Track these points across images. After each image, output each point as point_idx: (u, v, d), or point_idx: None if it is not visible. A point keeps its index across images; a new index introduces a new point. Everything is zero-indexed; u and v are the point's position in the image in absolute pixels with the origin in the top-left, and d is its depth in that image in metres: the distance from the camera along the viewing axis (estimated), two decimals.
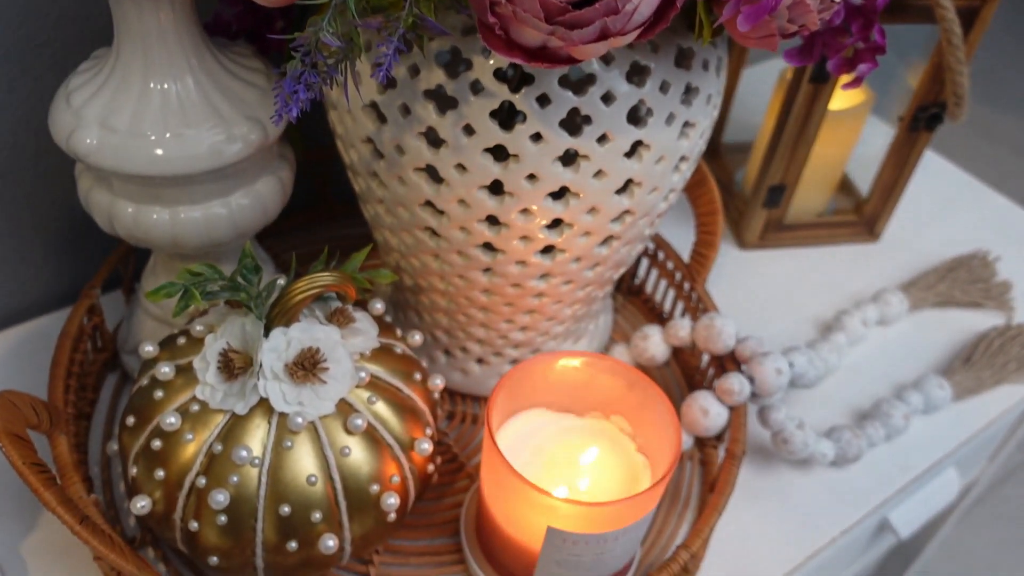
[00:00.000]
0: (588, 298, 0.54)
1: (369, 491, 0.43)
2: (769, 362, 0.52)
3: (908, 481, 0.58)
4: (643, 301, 0.66)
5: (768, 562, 0.53)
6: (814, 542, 0.54)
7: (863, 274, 0.72)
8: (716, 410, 0.52)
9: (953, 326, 0.69)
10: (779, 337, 0.66)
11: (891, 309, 0.67)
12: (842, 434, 0.57)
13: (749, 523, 0.55)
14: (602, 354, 0.48)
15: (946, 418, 0.62)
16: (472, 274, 0.49)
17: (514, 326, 0.54)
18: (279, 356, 0.42)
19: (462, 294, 0.51)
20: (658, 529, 0.53)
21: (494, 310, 0.52)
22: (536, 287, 0.50)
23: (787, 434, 0.55)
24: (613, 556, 0.45)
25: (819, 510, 0.56)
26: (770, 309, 0.69)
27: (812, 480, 0.57)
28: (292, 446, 0.42)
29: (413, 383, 0.47)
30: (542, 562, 0.45)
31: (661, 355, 0.57)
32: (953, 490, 0.74)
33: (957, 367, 0.64)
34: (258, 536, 0.42)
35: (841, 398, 0.63)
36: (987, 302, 0.70)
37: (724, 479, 0.49)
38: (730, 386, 0.51)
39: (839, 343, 0.64)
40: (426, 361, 0.58)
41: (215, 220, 0.47)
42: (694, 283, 0.60)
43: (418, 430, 0.46)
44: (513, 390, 0.47)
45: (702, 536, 0.46)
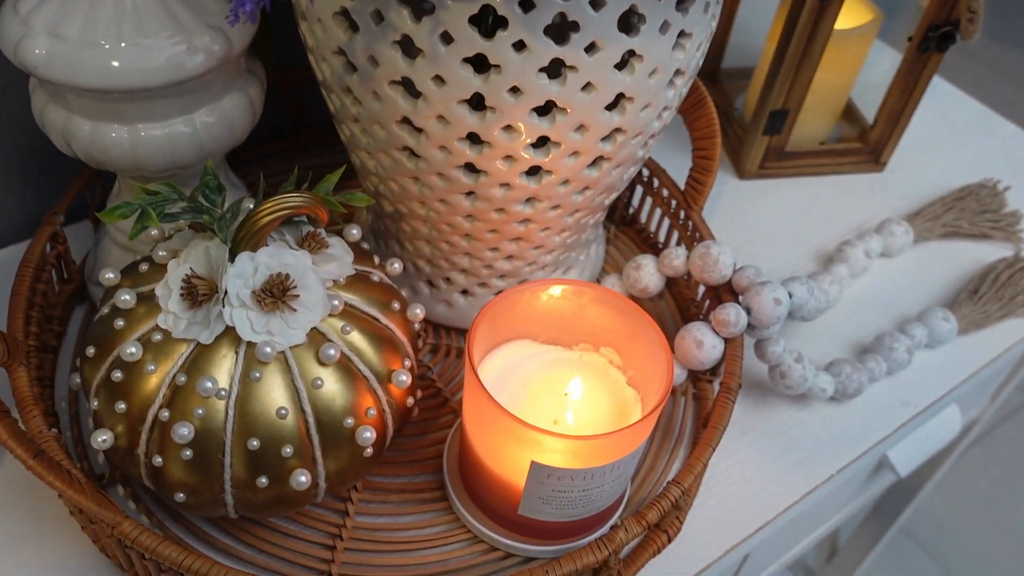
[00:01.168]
0: (578, 225, 0.51)
1: (343, 425, 0.41)
2: (767, 292, 0.49)
3: (909, 418, 0.56)
4: (637, 231, 0.64)
5: (763, 500, 0.51)
6: (811, 480, 0.52)
7: (867, 204, 0.70)
8: (711, 342, 0.50)
9: (960, 258, 0.66)
10: (779, 270, 0.64)
11: (895, 240, 0.64)
12: (842, 368, 0.55)
13: (744, 460, 0.53)
14: (591, 283, 0.46)
15: (950, 353, 0.60)
16: (454, 198, 0.47)
17: (499, 255, 0.51)
18: (246, 282, 0.40)
19: (444, 220, 0.49)
20: (649, 466, 0.51)
21: (478, 237, 0.49)
22: (522, 212, 0.47)
23: (785, 368, 0.52)
24: (601, 493, 0.43)
25: (817, 447, 0.54)
26: (769, 241, 0.66)
27: (810, 416, 0.55)
28: (261, 377, 0.39)
29: (391, 313, 0.44)
30: (526, 499, 0.43)
31: (655, 286, 0.54)
32: (955, 428, 0.72)
33: (963, 300, 0.61)
34: (226, 472, 0.40)
35: (842, 331, 0.60)
36: (995, 233, 0.67)
37: (718, 414, 0.46)
38: (726, 317, 0.49)
39: (841, 275, 0.61)
40: (408, 293, 0.55)
41: (178, 139, 0.44)
42: (690, 211, 0.57)
43: (396, 361, 0.43)
44: (496, 321, 0.45)
45: (694, 472, 0.44)
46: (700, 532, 0.49)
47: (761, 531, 0.50)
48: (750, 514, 0.50)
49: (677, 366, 0.51)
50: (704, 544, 0.49)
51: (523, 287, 0.45)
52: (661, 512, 0.42)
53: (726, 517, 0.50)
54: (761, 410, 0.55)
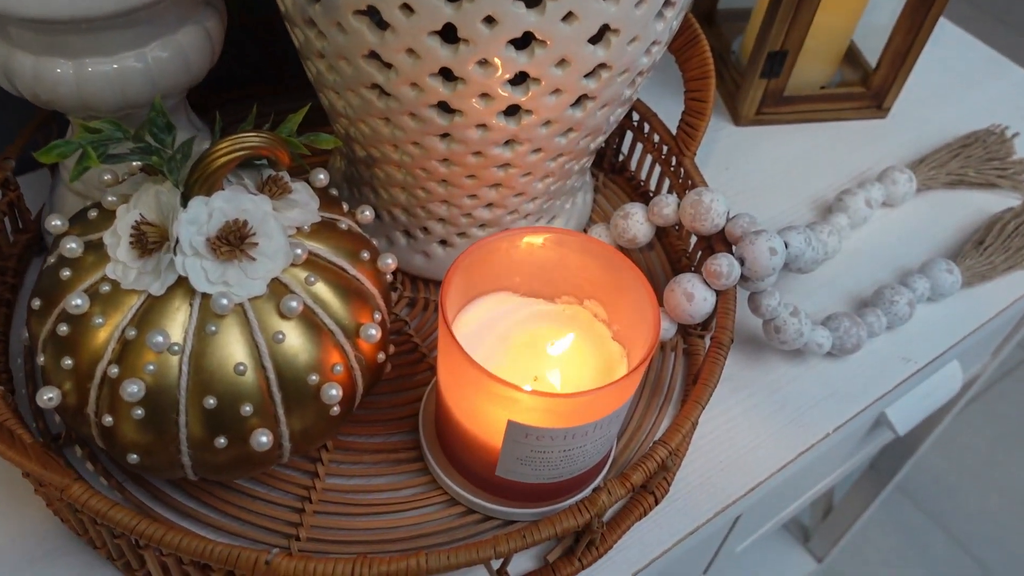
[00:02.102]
0: (562, 171, 0.48)
1: (307, 381, 0.38)
2: (762, 241, 0.46)
3: (910, 374, 0.53)
4: (627, 179, 0.61)
5: (755, 459, 0.49)
6: (805, 439, 0.50)
7: (869, 152, 0.66)
8: (702, 294, 0.47)
9: (965, 208, 0.63)
10: (776, 220, 0.61)
11: (898, 189, 0.61)
12: (840, 322, 0.52)
13: (736, 418, 0.50)
14: (575, 231, 0.43)
15: (954, 306, 0.57)
16: (428, 141, 0.44)
17: (479, 202, 0.48)
18: (199, 229, 0.37)
19: (418, 165, 0.46)
20: (636, 424, 0.49)
21: (455, 183, 0.46)
22: (501, 156, 0.44)
23: (780, 322, 0.50)
24: (583, 454, 0.41)
25: (812, 405, 0.51)
26: (766, 190, 0.63)
27: (806, 372, 0.53)
28: (217, 331, 0.37)
29: (360, 263, 0.42)
30: (503, 460, 0.41)
31: (644, 235, 0.51)
32: (955, 385, 0.70)
33: (968, 251, 0.58)
34: (182, 432, 0.37)
35: (841, 284, 0.58)
36: (1002, 182, 0.64)
37: (709, 370, 0.44)
38: (718, 267, 0.46)
39: (840, 225, 0.58)
40: (384, 243, 0.53)
41: (129, 75, 0.41)
42: (681, 157, 0.54)
43: (365, 314, 0.41)
44: (472, 271, 0.42)
45: (682, 431, 0.41)
46: (689, 493, 0.47)
47: (753, 492, 0.48)
48: (741, 475, 0.48)
49: (666, 320, 0.48)
50: (693, 506, 0.47)
51: (501, 235, 0.42)
52: (646, 474, 0.40)
53: (716, 478, 0.48)
54: (754, 366, 0.53)
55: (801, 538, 1.22)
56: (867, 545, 1.36)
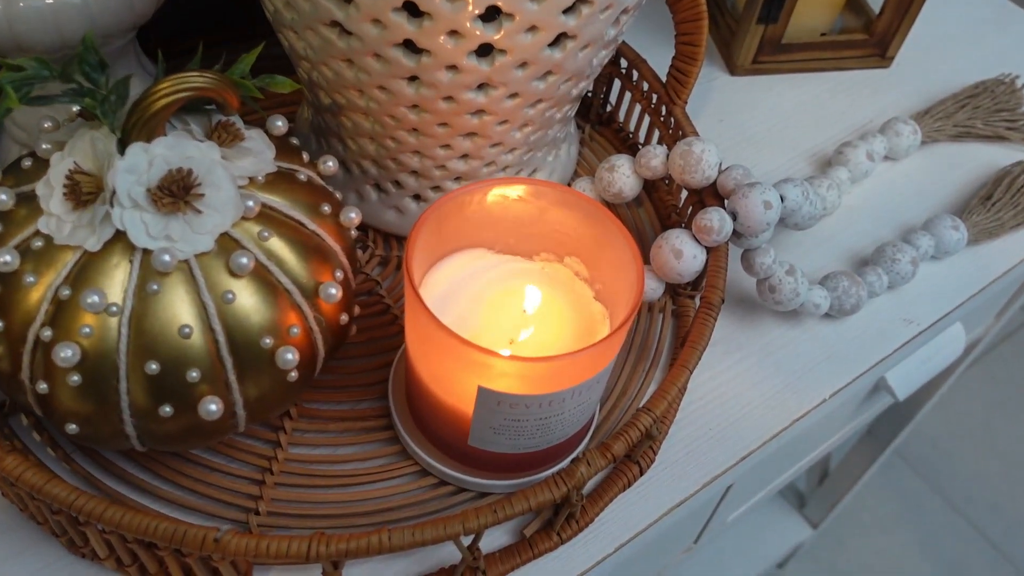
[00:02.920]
0: (542, 119, 0.45)
1: (260, 345, 0.35)
2: (756, 194, 0.43)
3: (911, 337, 0.51)
4: (615, 131, 0.57)
5: (747, 426, 0.46)
6: (800, 405, 0.47)
7: (871, 103, 0.63)
8: (691, 252, 0.44)
9: (972, 161, 0.60)
10: (772, 174, 0.58)
11: (901, 141, 0.57)
12: (839, 282, 0.49)
13: (728, 383, 0.47)
14: (553, 182, 0.40)
15: (959, 265, 0.54)
16: (395, 84, 0.40)
17: (453, 153, 0.45)
18: (139, 179, 0.34)
19: (386, 111, 0.42)
20: (621, 390, 0.46)
21: (427, 132, 0.43)
22: (474, 101, 0.41)
23: (775, 281, 0.47)
24: (560, 422, 0.38)
25: (808, 368, 0.49)
26: (763, 143, 0.60)
27: (802, 334, 0.50)
28: (160, 290, 0.34)
29: (320, 217, 0.38)
30: (476, 428, 0.38)
31: (630, 189, 0.48)
32: (958, 348, 0.67)
33: (974, 207, 0.55)
34: (123, 399, 0.34)
35: (840, 241, 0.55)
36: (1011, 134, 0.60)
37: (697, 332, 0.41)
38: (708, 222, 0.43)
39: (840, 179, 0.55)
40: (355, 198, 0.49)
41: (64, 10, 0.38)
42: (672, 106, 0.51)
43: (325, 273, 0.37)
44: (442, 226, 0.39)
45: (668, 398, 0.38)
46: (677, 462, 0.44)
47: (744, 461, 0.45)
48: (732, 442, 0.45)
49: (653, 279, 0.45)
50: (680, 476, 0.44)
51: (473, 187, 0.39)
52: (629, 443, 0.37)
53: (705, 446, 0.45)
54: (748, 328, 0.50)
55: (796, 504, 1.20)
56: (863, 510, 1.34)
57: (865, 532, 1.33)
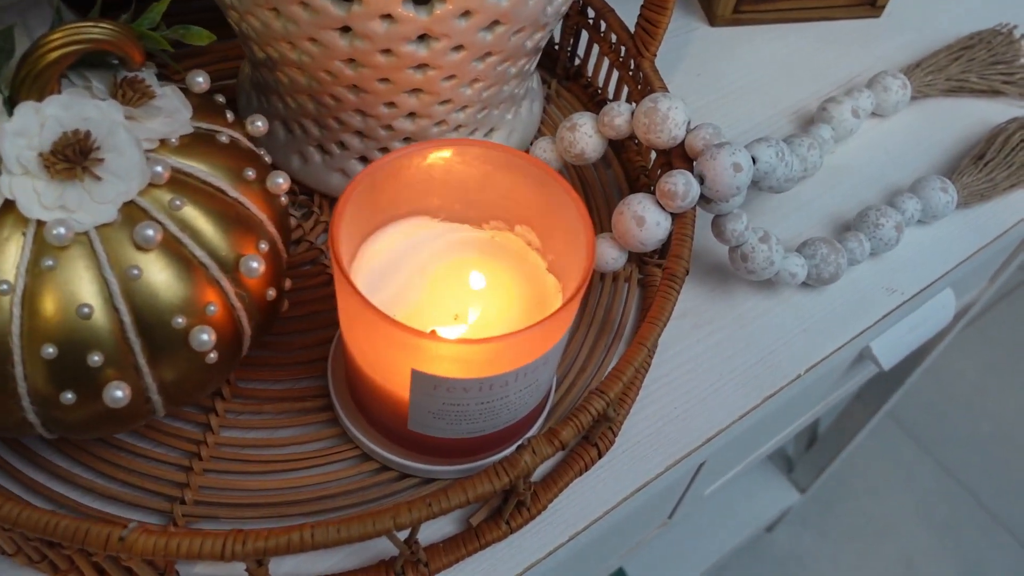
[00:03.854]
0: (495, 75, 0.41)
1: (172, 325, 0.32)
2: (724, 156, 0.40)
3: (895, 307, 0.47)
4: (583, 87, 0.53)
5: (716, 404, 0.43)
6: (773, 381, 0.44)
7: (860, 56, 0.59)
8: (654, 218, 0.40)
9: (965, 118, 0.56)
10: (753, 132, 0.54)
11: (890, 97, 0.54)
12: (817, 249, 0.46)
13: (697, 357, 0.44)
14: (498, 144, 0.36)
15: (948, 229, 0.51)
16: (326, 36, 0.37)
17: (398, 112, 0.41)
18: (29, 142, 0.30)
19: (321, 66, 0.39)
20: (581, 366, 0.43)
21: (367, 89, 0.40)
22: (414, 54, 0.37)
23: (747, 248, 0.44)
24: (506, 405, 0.35)
25: (784, 342, 0.46)
26: (743, 99, 0.56)
27: (778, 305, 0.47)
28: (56, 266, 0.31)
29: (243, 183, 0.35)
30: (414, 413, 0.35)
31: (593, 150, 0.44)
32: (948, 315, 0.64)
33: (966, 167, 0.52)
34: (20, 385, 0.31)
35: (821, 205, 0.51)
36: (1008, 88, 0.57)
37: (659, 306, 0.38)
38: (672, 186, 0.40)
39: (823, 138, 0.51)
40: (298, 160, 0.46)
41: None
42: (640, 59, 0.47)
43: (248, 244, 0.34)
44: (378, 194, 0.36)
45: (623, 379, 0.35)
46: (639, 443, 0.42)
47: (711, 442, 0.42)
48: (699, 422, 0.42)
49: (615, 248, 0.42)
50: (642, 458, 0.41)
51: (411, 150, 0.35)
52: (578, 429, 0.34)
53: (670, 426, 0.42)
54: (719, 298, 0.47)
55: (784, 468, 1.18)
56: (853, 474, 1.32)
57: (855, 496, 1.31)
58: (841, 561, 1.26)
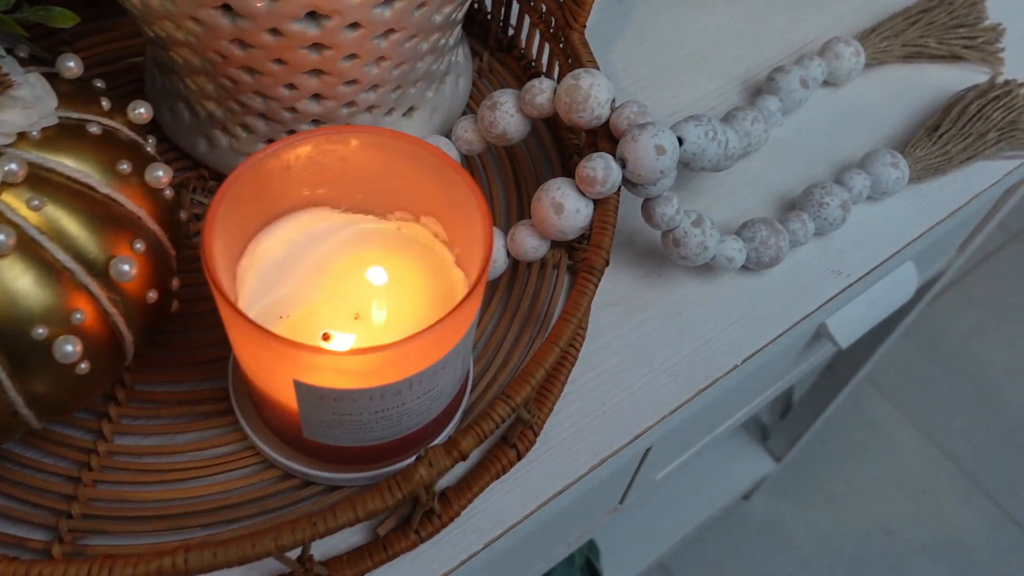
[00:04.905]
0: (403, 52, 0.38)
1: (31, 336, 0.30)
2: (646, 138, 0.37)
3: (840, 290, 0.45)
4: (516, 59, 0.50)
5: (647, 398, 0.41)
6: (709, 372, 0.42)
7: (814, 21, 0.56)
8: (574, 205, 0.38)
9: (923, 86, 0.53)
10: (698, 104, 0.51)
11: (842, 64, 0.51)
12: (756, 231, 0.43)
13: (628, 348, 0.42)
14: (385, 129, 0.33)
15: (898, 206, 0.48)
16: (206, 15, 0.34)
17: (300, 93, 0.38)
18: None
19: (208, 46, 0.36)
20: (503, 361, 0.40)
21: (263, 71, 0.37)
22: (304, 33, 0.34)
23: (679, 233, 0.41)
24: (406, 412, 0.33)
25: (721, 330, 0.43)
26: (689, 68, 0.53)
27: (717, 290, 0.44)
28: None
29: (117, 178, 0.32)
30: (306, 422, 0.33)
31: (516, 130, 0.42)
32: (908, 290, 0.62)
33: (919, 139, 0.49)
34: None
35: (768, 181, 0.49)
36: (969, 53, 0.54)
37: (574, 302, 0.35)
38: (591, 171, 0.37)
39: (769, 111, 0.49)
40: (205, 145, 0.43)
41: None
42: (568, 30, 0.44)
43: (121, 245, 0.32)
44: (264, 187, 0.33)
45: (531, 382, 0.33)
46: (563, 442, 0.39)
47: (639, 439, 0.40)
48: (627, 418, 0.40)
49: (535, 236, 0.39)
50: (566, 458, 0.39)
51: (295, 139, 0.32)
52: (479, 438, 0.32)
53: (597, 423, 0.40)
54: (655, 284, 0.44)
55: (760, 436, 1.17)
56: (831, 440, 1.31)
57: (833, 462, 1.30)
58: (819, 528, 1.25)
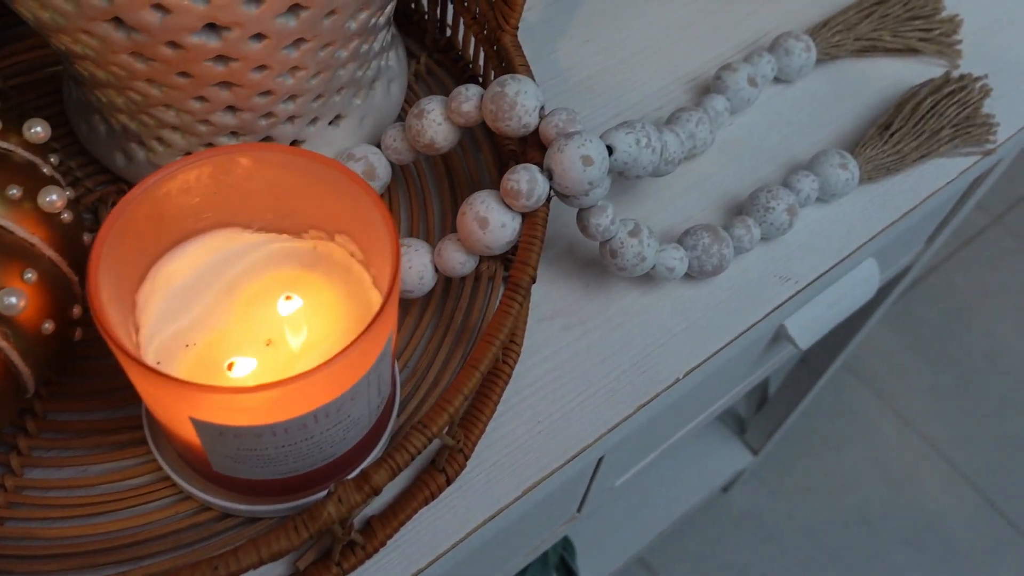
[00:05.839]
0: (319, 62, 0.37)
1: None
2: (572, 148, 0.35)
3: (788, 297, 0.44)
4: (453, 61, 0.49)
5: (585, 414, 0.39)
6: (649, 387, 0.40)
7: (768, 13, 0.54)
8: (499, 219, 0.36)
9: (878, 81, 0.52)
10: (645, 104, 0.50)
11: (793, 60, 0.49)
12: (699, 239, 0.42)
13: (566, 363, 0.41)
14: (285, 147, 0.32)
15: (848, 209, 0.47)
16: (98, 28, 0.32)
17: (212, 106, 0.37)
18: None
19: (107, 60, 0.34)
20: (434, 379, 0.39)
21: (167, 83, 0.35)
22: (205, 46, 0.33)
23: (615, 244, 0.40)
24: (317, 445, 0.31)
25: (663, 342, 0.42)
26: (635, 67, 0.51)
27: (659, 300, 0.43)
28: None
29: (5, 203, 0.31)
30: (213, 457, 0.31)
31: (444, 139, 0.40)
32: (870, 288, 0.61)
33: (870, 138, 0.47)
34: None
35: (715, 184, 0.47)
36: (925, 47, 0.52)
37: (496, 323, 0.34)
38: (515, 184, 0.35)
39: (716, 111, 0.47)
40: (122, 159, 0.41)
41: None
42: (500, 32, 0.42)
43: (10, 276, 0.30)
44: (162, 210, 0.31)
45: (449, 411, 0.32)
46: (496, 465, 0.38)
47: (577, 459, 0.39)
48: (563, 438, 0.39)
49: (462, 251, 0.38)
50: (499, 480, 0.38)
51: (191, 160, 0.31)
52: (392, 471, 0.30)
53: (532, 443, 0.38)
54: (595, 295, 0.43)
55: (737, 429, 1.16)
56: (810, 429, 1.30)
57: (813, 451, 1.29)
58: (800, 518, 1.24)
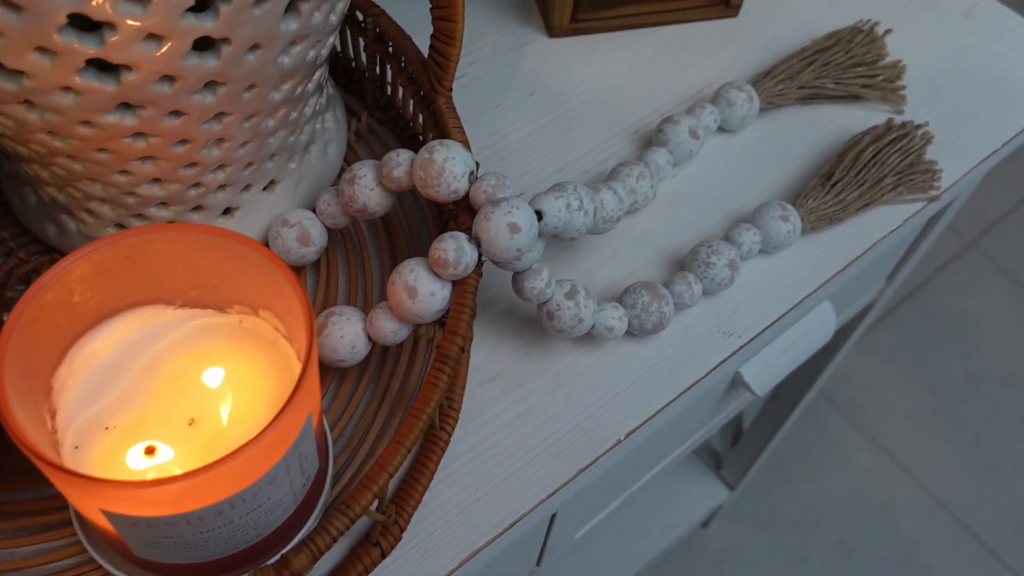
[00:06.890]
0: (244, 132, 0.36)
1: None
2: (499, 216, 0.35)
3: (732, 352, 0.43)
4: (394, 119, 0.49)
5: (525, 480, 0.39)
6: (589, 450, 0.40)
7: (713, 63, 0.54)
8: (428, 288, 0.36)
9: (822, 128, 0.52)
10: (588, 158, 0.50)
11: (735, 111, 0.49)
12: (638, 297, 0.41)
13: (506, 426, 0.40)
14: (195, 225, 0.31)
15: (791, 260, 0.47)
16: (10, 110, 0.32)
17: (137, 179, 0.36)
18: None
19: (24, 139, 0.34)
20: (370, 449, 0.38)
21: (88, 159, 0.35)
22: (120, 124, 0.32)
23: (552, 307, 0.39)
24: (238, 528, 0.31)
25: (604, 403, 0.41)
26: (579, 119, 0.51)
27: (600, 360, 0.43)
28: None
29: None
30: (131, 544, 0.31)
31: (377, 205, 0.40)
32: (827, 331, 0.60)
33: (812, 189, 0.47)
34: None
35: (657, 238, 0.47)
36: (868, 92, 0.52)
37: (424, 396, 0.33)
38: (442, 253, 0.35)
39: (657, 164, 0.47)
40: (54, 229, 0.41)
41: None
42: (434, 95, 0.42)
43: None
44: (73, 294, 0.31)
45: (372, 490, 0.31)
46: (432, 536, 0.37)
47: (515, 527, 0.38)
48: (502, 505, 0.38)
49: (393, 320, 0.37)
50: (437, 551, 0.37)
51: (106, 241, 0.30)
52: (313, 555, 0.30)
53: (469, 512, 0.38)
54: (535, 356, 0.42)
55: (713, 465, 1.15)
56: (788, 460, 1.29)
57: (790, 482, 1.28)
58: (779, 551, 1.23)
